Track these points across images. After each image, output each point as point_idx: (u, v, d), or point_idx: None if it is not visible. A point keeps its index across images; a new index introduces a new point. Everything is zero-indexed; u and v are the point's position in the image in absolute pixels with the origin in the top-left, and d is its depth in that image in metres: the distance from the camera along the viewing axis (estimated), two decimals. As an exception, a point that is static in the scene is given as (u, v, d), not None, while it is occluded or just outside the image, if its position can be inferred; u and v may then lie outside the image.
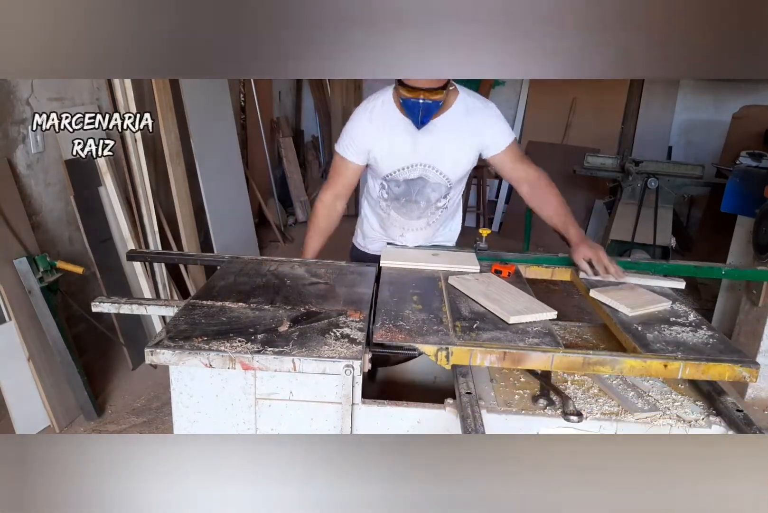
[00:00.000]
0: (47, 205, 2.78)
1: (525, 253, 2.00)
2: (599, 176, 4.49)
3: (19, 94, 2.56)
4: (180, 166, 3.51)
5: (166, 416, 2.62)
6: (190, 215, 3.60)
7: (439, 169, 1.90)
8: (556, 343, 1.36)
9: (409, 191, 1.95)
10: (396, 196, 1.97)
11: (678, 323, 1.52)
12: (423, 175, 1.91)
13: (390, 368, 1.72)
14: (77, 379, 2.57)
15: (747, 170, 3.60)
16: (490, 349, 1.31)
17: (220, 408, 1.35)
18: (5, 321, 2.40)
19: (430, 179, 1.92)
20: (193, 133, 3.65)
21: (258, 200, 5.12)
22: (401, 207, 1.98)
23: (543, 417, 1.33)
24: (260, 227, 5.12)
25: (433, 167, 1.89)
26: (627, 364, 1.30)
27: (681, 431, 1.31)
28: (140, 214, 3.16)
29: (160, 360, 1.27)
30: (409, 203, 1.97)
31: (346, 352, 1.30)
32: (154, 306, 1.73)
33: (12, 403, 2.41)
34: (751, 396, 3.08)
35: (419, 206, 1.97)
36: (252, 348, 1.29)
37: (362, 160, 1.95)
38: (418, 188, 1.94)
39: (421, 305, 1.55)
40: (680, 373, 1.31)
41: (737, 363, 1.31)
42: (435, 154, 1.87)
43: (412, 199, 1.96)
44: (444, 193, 1.96)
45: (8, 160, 2.52)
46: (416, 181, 1.92)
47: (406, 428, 1.34)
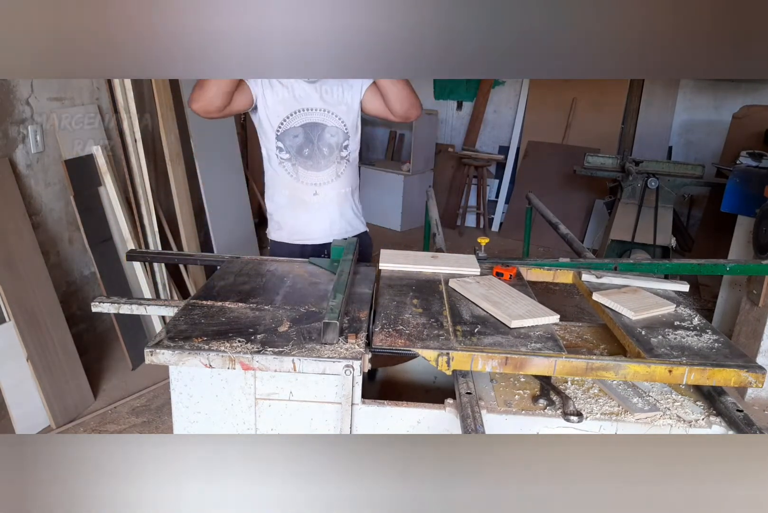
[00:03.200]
0: (47, 205, 2.78)
1: (525, 259, 1.98)
2: (599, 176, 4.49)
3: (19, 94, 2.56)
4: (180, 166, 3.51)
5: (166, 416, 2.62)
6: (190, 215, 3.60)
7: (333, 112, 2.00)
8: (559, 347, 1.35)
9: (310, 138, 2.01)
10: (298, 149, 2.02)
11: (682, 327, 1.51)
12: (318, 120, 1.99)
13: (390, 368, 1.72)
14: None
15: (747, 170, 3.60)
16: (491, 355, 1.31)
17: (220, 408, 1.35)
18: (5, 321, 2.40)
19: (327, 123, 2.00)
20: (193, 133, 3.65)
21: (258, 200, 5.12)
22: (306, 159, 2.03)
23: (543, 417, 1.32)
24: (260, 227, 5.12)
25: (329, 111, 2.00)
26: (631, 370, 1.30)
27: (681, 431, 1.31)
28: (140, 214, 3.16)
29: (159, 360, 1.27)
30: (314, 152, 2.02)
31: (346, 352, 1.30)
32: (154, 306, 1.73)
33: (12, 403, 2.41)
34: (751, 396, 3.08)
35: (323, 153, 2.02)
36: (252, 348, 1.29)
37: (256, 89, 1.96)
38: (317, 134, 2.01)
39: (421, 309, 1.54)
40: (685, 379, 1.30)
41: (743, 368, 1.30)
42: (330, 95, 1.99)
43: (315, 146, 2.01)
44: (342, 141, 2.03)
45: (8, 160, 2.52)
46: (315, 126, 2.00)
47: (406, 428, 1.34)
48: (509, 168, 6.14)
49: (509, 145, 6.18)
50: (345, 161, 2.07)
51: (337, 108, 2.00)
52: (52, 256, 2.82)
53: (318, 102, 1.99)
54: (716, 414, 1.35)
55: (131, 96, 3.03)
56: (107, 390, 2.88)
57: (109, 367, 3.05)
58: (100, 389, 2.86)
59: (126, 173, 3.11)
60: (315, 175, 2.04)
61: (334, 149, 2.03)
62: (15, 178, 2.54)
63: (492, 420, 1.30)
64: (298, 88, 1.98)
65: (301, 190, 2.07)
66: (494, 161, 6.15)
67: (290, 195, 2.08)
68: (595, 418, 1.32)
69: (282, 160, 2.04)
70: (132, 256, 2.26)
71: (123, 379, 2.96)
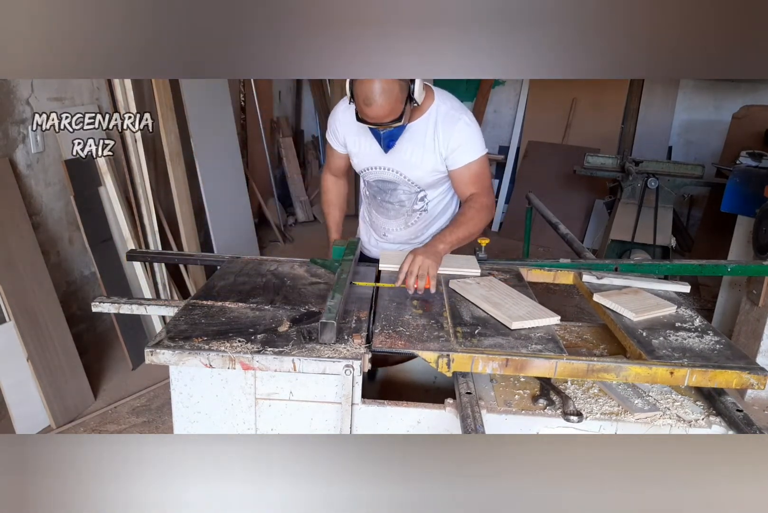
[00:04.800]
0: (47, 205, 2.78)
1: (525, 260, 1.98)
2: (599, 176, 4.49)
3: (19, 94, 2.56)
4: (180, 166, 3.51)
5: (166, 416, 2.62)
6: (190, 215, 3.60)
7: (405, 175, 1.91)
8: (560, 349, 1.35)
9: (383, 192, 1.99)
10: (373, 194, 2.03)
11: (684, 328, 1.50)
12: (392, 179, 1.94)
13: (390, 368, 1.72)
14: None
15: (747, 170, 3.60)
16: (492, 356, 1.30)
17: (220, 408, 1.35)
18: (5, 321, 2.40)
19: (399, 183, 1.94)
20: (193, 133, 3.65)
21: (258, 200, 5.12)
22: (378, 206, 2.04)
23: (543, 417, 1.32)
24: (260, 227, 5.12)
25: (400, 173, 1.91)
26: (632, 371, 1.29)
27: (681, 431, 1.30)
28: (140, 214, 3.16)
29: (160, 360, 1.27)
30: (384, 203, 2.01)
31: (346, 352, 1.30)
32: (154, 306, 1.73)
33: (12, 403, 2.41)
34: (751, 396, 3.08)
35: (394, 207, 2.01)
36: (252, 348, 1.29)
37: (342, 149, 2.01)
38: (389, 190, 1.97)
39: (421, 310, 1.54)
40: (687, 381, 1.30)
41: (745, 370, 1.30)
42: (399, 161, 1.87)
43: (386, 199, 2.00)
44: (416, 197, 1.97)
45: (9, 160, 2.52)
46: (387, 183, 1.96)
47: (406, 428, 1.34)
48: (509, 168, 6.14)
49: (509, 145, 6.18)
50: (419, 213, 2.00)
51: (410, 172, 1.89)
52: (52, 256, 2.82)
53: (388, 162, 1.89)
54: (716, 414, 1.35)
55: (131, 96, 3.03)
56: (107, 390, 2.87)
57: (109, 367, 3.05)
58: (100, 389, 2.86)
59: (126, 173, 3.11)
60: (385, 221, 2.06)
61: (405, 204, 1.98)
62: (15, 178, 2.53)
63: (492, 420, 1.30)
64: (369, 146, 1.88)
65: (374, 226, 2.12)
66: (494, 161, 6.14)
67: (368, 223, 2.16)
68: (595, 418, 1.32)
69: (365, 195, 2.11)
70: (132, 256, 2.26)
71: (123, 379, 2.96)
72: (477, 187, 1.88)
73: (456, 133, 1.81)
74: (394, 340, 1.37)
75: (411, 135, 1.81)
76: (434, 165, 1.86)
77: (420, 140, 1.82)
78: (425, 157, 1.84)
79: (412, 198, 1.97)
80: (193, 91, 3.69)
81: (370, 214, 2.11)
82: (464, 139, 1.82)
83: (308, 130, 6.78)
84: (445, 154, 1.83)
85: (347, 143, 1.95)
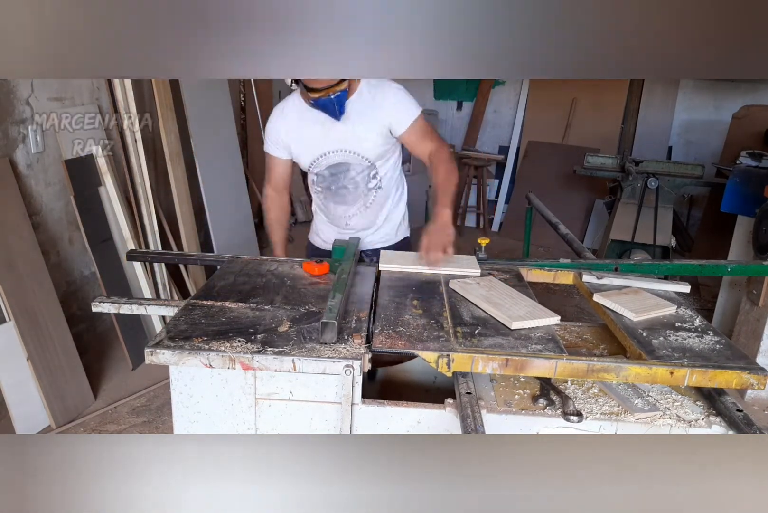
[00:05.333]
0: (47, 205, 2.78)
1: (525, 260, 1.98)
2: (599, 176, 4.49)
3: (19, 94, 2.56)
4: (180, 166, 3.51)
5: (166, 416, 2.62)
6: (190, 215, 3.60)
7: (355, 151, 1.97)
8: (560, 349, 1.35)
9: (337, 178, 2.03)
10: (327, 186, 2.06)
11: (684, 328, 1.50)
12: (343, 160, 1.99)
13: (390, 368, 1.72)
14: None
15: (747, 170, 3.60)
16: (492, 356, 1.30)
17: (220, 408, 1.35)
18: (5, 321, 2.40)
19: (351, 162, 1.99)
20: (193, 133, 3.65)
21: (258, 200, 5.12)
22: (334, 195, 2.07)
23: (543, 417, 1.32)
24: (260, 227, 5.12)
25: (349, 150, 1.97)
26: (632, 371, 1.29)
27: (681, 431, 1.31)
28: (140, 214, 3.16)
29: (160, 360, 1.27)
30: (340, 190, 2.05)
31: (346, 352, 1.30)
32: (154, 306, 1.73)
33: (12, 403, 2.41)
34: (751, 396, 3.08)
35: (349, 191, 2.04)
36: (252, 348, 1.29)
37: (286, 154, 2.07)
38: (342, 173, 2.02)
39: (421, 310, 1.54)
40: (687, 381, 1.29)
41: (745, 370, 1.30)
42: (347, 136, 1.95)
43: (341, 184, 2.04)
44: (368, 174, 2.03)
45: (9, 160, 2.52)
46: (338, 166, 2.01)
47: (406, 428, 1.34)
48: (509, 168, 6.14)
49: (509, 145, 6.18)
50: (374, 191, 2.06)
51: (359, 146, 1.96)
52: (52, 256, 2.82)
53: (336, 144, 1.97)
54: (716, 414, 1.35)
55: (131, 96, 3.03)
56: (107, 390, 2.88)
57: (109, 367, 3.05)
58: (100, 389, 2.86)
59: (126, 173, 3.11)
60: (345, 209, 2.09)
61: (360, 184, 2.03)
62: (15, 178, 2.53)
63: (492, 420, 1.30)
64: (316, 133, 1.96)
65: (333, 219, 2.14)
66: (494, 161, 6.15)
67: (325, 220, 2.18)
68: (595, 418, 1.32)
69: (317, 191, 2.13)
70: (132, 256, 2.26)
71: (123, 379, 2.96)
72: (431, 141, 2.00)
73: (390, 97, 1.94)
74: (394, 340, 1.37)
75: (351, 110, 1.91)
76: (379, 133, 1.95)
77: (361, 112, 1.92)
78: (370, 127, 1.94)
79: (365, 176, 2.02)
80: (193, 91, 3.69)
81: (327, 208, 2.12)
82: (399, 100, 1.95)
83: (308, 130, 6.77)
84: (388, 119, 1.94)
85: (291, 143, 2.02)
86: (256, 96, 5.05)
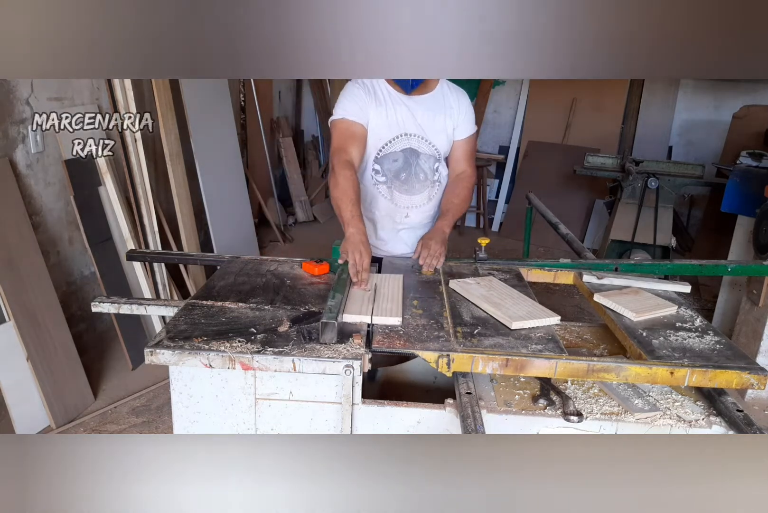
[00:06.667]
0: (47, 205, 2.78)
1: (526, 260, 1.98)
2: (599, 176, 4.49)
3: (19, 94, 2.56)
4: (180, 166, 3.51)
5: (166, 416, 2.62)
6: (190, 215, 3.60)
7: (429, 140, 2.00)
8: (560, 349, 1.35)
9: (408, 163, 2.01)
10: (395, 173, 2.02)
11: (684, 328, 1.50)
12: (417, 146, 2.00)
13: (390, 368, 1.72)
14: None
15: (747, 170, 3.60)
16: (492, 356, 1.30)
17: (220, 408, 1.35)
18: (5, 321, 2.40)
19: (421, 150, 2.00)
20: (193, 133, 3.65)
21: (258, 200, 5.12)
22: (403, 184, 2.03)
23: (543, 417, 1.32)
24: (260, 227, 5.12)
25: (424, 138, 1.99)
26: (632, 371, 1.29)
27: (681, 431, 1.30)
28: (140, 214, 3.16)
29: (160, 360, 1.27)
30: (410, 177, 2.02)
31: (346, 352, 1.30)
32: (154, 306, 1.73)
33: (12, 403, 2.41)
34: (751, 396, 3.08)
35: (419, 179, 2.03)
36: (252, 348, 1.29)
37: (365, 121, 1.94)
38: (413, 161, 2.01)
39: (421, 310, 1.54)
40: (687, 381, 1.29)
41: (745, 370, 1.30)
42: (429, 124, 1.99)
43: (412, 171, 2.02)
44: (434, 167, 2.04)
45: (9, 160, 2.52)
46: (412, 152, 2.01)
47: (406, 428, 1.34)
48: (509, 168, 6.14)
49: (509, 145, 6.18)
50: (437, 185, 2.06)
51: (434, 137, 2.00)
52: (52, 256, 2.82)
53: (417, 129, 1.98)
54: (716, 414, 1.35)
55: (131, 96, 3.03)
56: (107, 390, 2.87)
57: (109, 367, 3.05)
58: (100, 389, 2.86)
59: (126, 173, 3.11)
60: (409, 199, 2.05)
61: (428, 175, 2.03)
62: (15, 178, 2.53)
63: (492, 420, 1.30)
64: (400, 112, 1.96)
65: (394, 211, 2.07)
66: (494, 161, 6.15)
67: (382, 215, 2.08)
68: (595, 418, 1.32)
69: (377, 183, 2.04)
70: (132, 256, 2.26)
71: (123, 379, 2.96)
72: (469, 164, 2.09)
73: (464, 105, 2.04)
74: (394, 340, 1.37)
75: (429, 104, 1.98)
76: (450, 132, 2.03)
77: (438, 108, 1.99)
78: (446, 122, 2.01)
79: (432, 168, 2.04)
80: (193, 91, 3.69)
81: (392, 196, 2.03)
82: (469, 111, 2.06)
83: (308, 130, 6.78)
84: (456, 122, 2.02)
85: (371, 115, 1.94)
86: (256, 96, 5.05)
